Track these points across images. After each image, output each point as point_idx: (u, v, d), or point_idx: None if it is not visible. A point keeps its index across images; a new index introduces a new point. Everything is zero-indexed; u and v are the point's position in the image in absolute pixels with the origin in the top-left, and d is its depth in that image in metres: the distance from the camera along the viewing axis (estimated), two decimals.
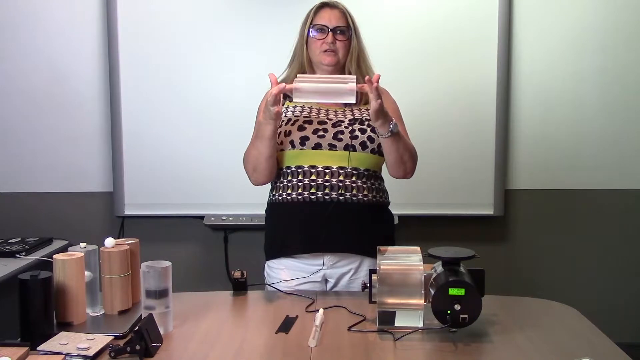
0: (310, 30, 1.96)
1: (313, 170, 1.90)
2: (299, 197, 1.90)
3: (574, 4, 2.95)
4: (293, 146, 1.91)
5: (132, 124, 2.93)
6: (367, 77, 1.74)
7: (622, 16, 2.96)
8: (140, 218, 3.00)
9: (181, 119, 2.94)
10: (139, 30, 2.90)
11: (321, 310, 1.61)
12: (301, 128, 1.92)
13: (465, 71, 2.93)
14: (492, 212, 2.99)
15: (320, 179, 1.90)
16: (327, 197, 1.89)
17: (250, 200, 2.08)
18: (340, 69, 1.99)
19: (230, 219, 2.95)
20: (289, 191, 1.92)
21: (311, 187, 1.89)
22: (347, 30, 1.96)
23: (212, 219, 2.97)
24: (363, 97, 1.96)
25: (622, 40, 2.97)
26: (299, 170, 1.92)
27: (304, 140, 1.90)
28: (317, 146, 1.90)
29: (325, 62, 1.95)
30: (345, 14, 1.97)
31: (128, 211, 2.99)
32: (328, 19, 1.95)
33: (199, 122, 2.94)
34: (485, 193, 2.98)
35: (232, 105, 2.88)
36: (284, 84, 1.76)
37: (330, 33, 1.93)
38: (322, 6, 1.98)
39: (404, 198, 2.85)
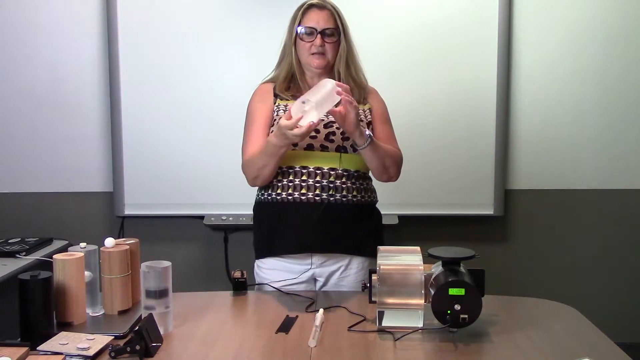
0: (299, 32, 1.93)
1: (304, 171, 1.90)
2: (289, 197, 1.90)
3: (573, 4, 2.95)
4: None
5: (132, 124, 2.93)
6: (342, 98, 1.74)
7: (622, 16, 2.95)
8: (140, 218, 3.00)
9: (181, 119, 2.93)
10: (139, 30, 2.90)
11: (321, 310, 1.61)
12: None
13: (465, 71, 2.92)
14: (492, 212, 2.99)
15: (311, 180, 1.90)
16: (317, 198, 1.89)
17: (250, 200, 2.07)
18: (329, 70, 1.97)
19: (230, 219, 2.95)
20: (279, 191, 1.92)
21: (302, 187, 1.89)
22: (335, 31, 1.93)
23: (212, 219, 2.97)
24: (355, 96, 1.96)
25: (622, 40, 2.96)
26: (290, 170, 1.91)
27: None
28: (309, 147, 1.90)
29: (314, 65, 1.93)
30: (334, 14, 1.93)
31: (128, 211, 2.99)
32: (316, 20, 1.91)
33: (199, 122, 2.93)
34: (485, 193, 2.98)
35: (232, 105, 2.85)
36: (308, 127, 1.70)
37: (318, 35, 1.90)
38: (310, 6, 1.93)
39: (404, 198, 2.86)
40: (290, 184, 1.91)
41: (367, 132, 1.83)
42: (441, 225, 3.00)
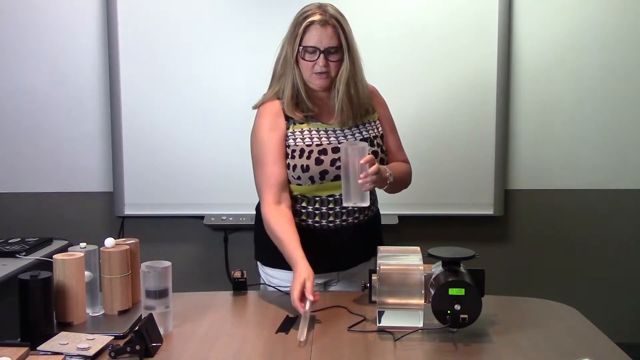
0: (300, 51, 1.80)
1: (331, 199, 1.88)
2: (316, 224, 1.88)
3: (573, 2, 2.94)
4: (313, 182, 1.85)
5: (132, 124, 2.93)
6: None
7: (623, 12, 2.94)
8: (140, 218, 2.99)
9: (181, 119, 2.93)
10: (139, 30, 2.90)
11: (308, 303, 1.58)
12: (318, 161, 1.83)
13: (464, 70, 2.92)
14: (492, 212, 2.99)
15: (338, 207, 1.88)
16: (344, 223, 1.89)
17: (251, 200, 2.07)
18: (332, 85, 1.87)
19: (230, 219, 2.95)
20: (304, 217, 1.87)
21: (329, 215, 1.88)
22: (339, 49, 1.80)
23: (212, 219, 2.97)
24: (368, 108, 1.94)
25: (623, 37, 2.95)
26: (317, 199, 1.88)
27: (323, 174, 1.84)
28: (336, 178, 1.83)
29: (317, 85, 1.84)
30: (337, 30, 1.79)
31: (128, 211, 2.99)
32: (319, 39, 1.78)
33: (199, 122, 2.93)
34: (485, 193, 2.98)
35: (232, 105, 2.87)
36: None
37: (321, 55, 1.78)
38: (311, 23, 1.78)
39: (404, 198, 2.82)
40: (317, 212, 1.88)
41: (389, 178, 1.80)
42: (441, 225, 3.00)
